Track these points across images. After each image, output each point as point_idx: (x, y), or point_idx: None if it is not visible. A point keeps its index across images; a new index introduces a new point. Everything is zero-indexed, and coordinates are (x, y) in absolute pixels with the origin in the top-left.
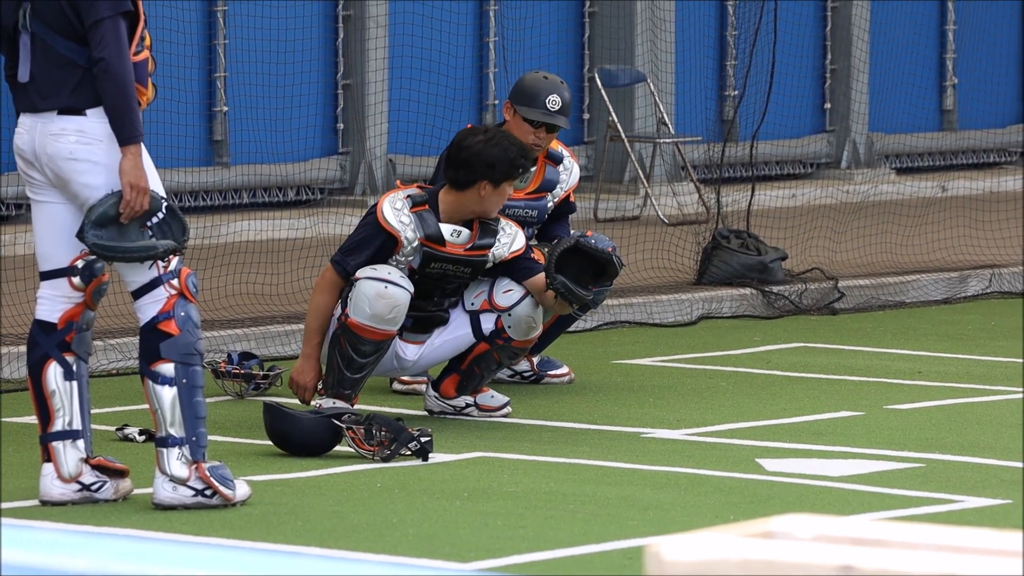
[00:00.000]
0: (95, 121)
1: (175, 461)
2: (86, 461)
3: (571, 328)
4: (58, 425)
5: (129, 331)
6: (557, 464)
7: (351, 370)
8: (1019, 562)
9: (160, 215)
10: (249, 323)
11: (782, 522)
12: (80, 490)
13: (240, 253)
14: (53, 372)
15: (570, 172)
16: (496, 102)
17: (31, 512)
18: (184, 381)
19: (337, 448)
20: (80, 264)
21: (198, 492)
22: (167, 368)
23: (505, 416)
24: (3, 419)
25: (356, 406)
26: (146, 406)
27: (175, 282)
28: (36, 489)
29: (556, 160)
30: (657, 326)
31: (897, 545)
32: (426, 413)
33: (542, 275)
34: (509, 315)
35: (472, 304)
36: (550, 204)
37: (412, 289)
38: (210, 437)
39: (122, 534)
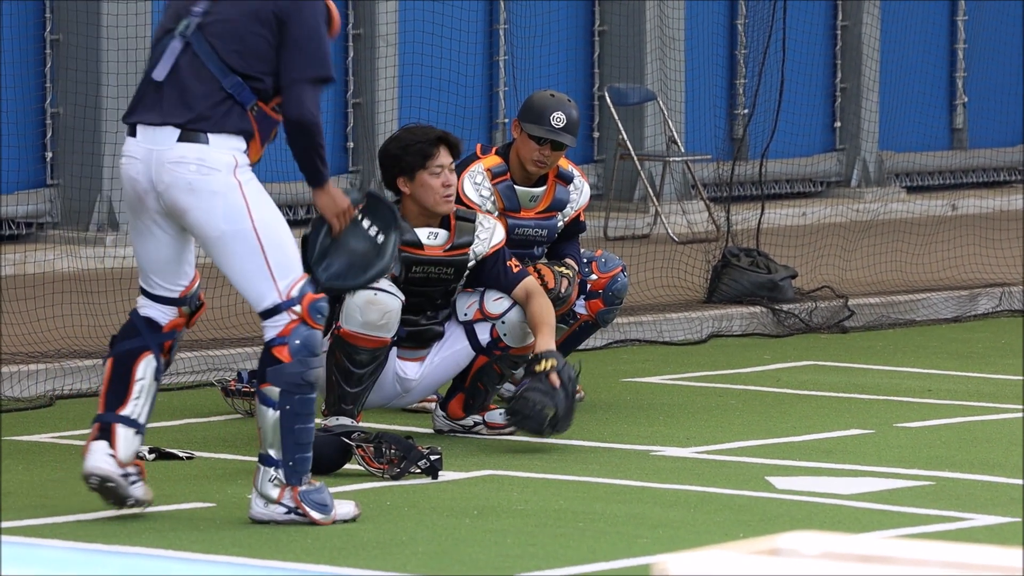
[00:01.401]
0: (216, 149)
1: (267, 482)
2: (137, 458)
3: (581, 346)
4: (129, 411)
5: None
6: (567, 482)
7: (350, 384)
8: None
9: (362, 209)
10: (259, 342)
11: (788, 539)
12: (123, 475)
13: None
14: (147, 364)
15: (580, 192)
16: (506, 120)
17: (35, 530)
18: (287, 408)
19: (347, 466)
20: (188, 295)
21: (291, 511)
22: (272, 392)
23: (513, 434)
24: (11, 437)
25: (362, 423)
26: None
27: (297, 308)
28: (39, 507)
29: (567, 179)
30: (667, 344)
31: (903, 562)
32: (435, 432)
33: (522, 285)
34: (503, 322)
35: (465, 315)
36: (560, 223)
37: (402, 297)
38: (219, 455)
39: (131, 552)
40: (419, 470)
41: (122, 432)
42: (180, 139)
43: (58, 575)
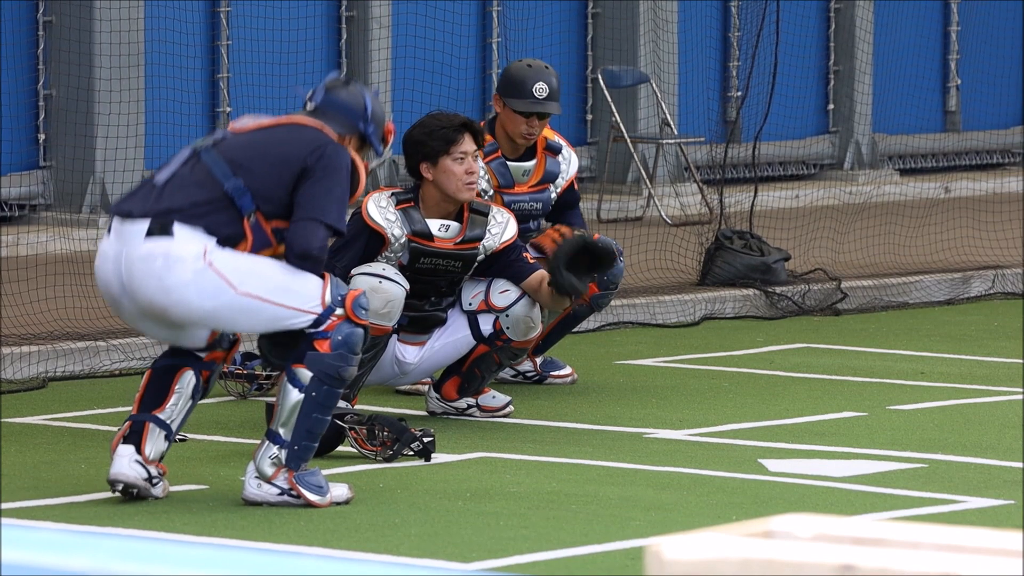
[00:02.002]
0: (182, 241)
1: (267, 458)
2: (159, 461)
3: (574, 329)
4: (165, 415)
5: (132, 332)
6: (560, 464)
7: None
8: (1019, 562)
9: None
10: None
11: (782, 521)
12: (146, 479)
13: None
14: (188, 379)
15: (569, 161)
16: None
17: (27, 512)
18: (313, 395)
19: (340, 448)
20: (216, 339)
21: (284, 492)
22: (304, 374)
23: (507, 416)
24: (4, 419)
25: (357, 406)
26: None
27: (340, 311)
28: (31, 489)
29: (555, 151)
30: (660, 327)
31: (897, 544)
32: (428, 414)
33: (536, 274)
34: (507, 316)
35: (469, 304)
36: (553, 195)
37: (407, 286)
38: (212, 438)
39: (124, 534)
40: (412, 452)
41: (153, 431)
42: (148, 234)
43: (50, 561)
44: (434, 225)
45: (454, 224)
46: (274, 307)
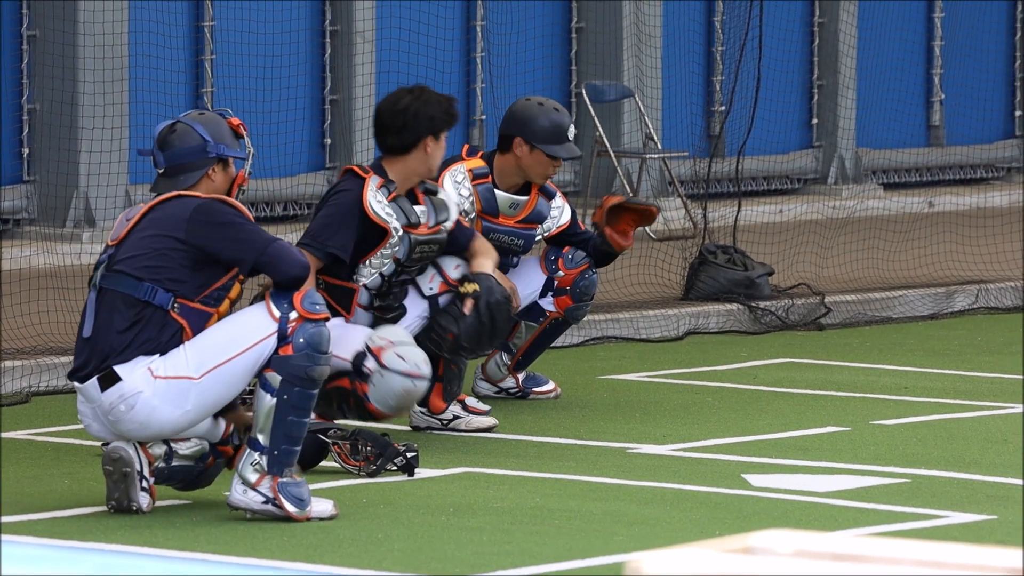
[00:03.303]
0: (130, 379)
1: (248, 465)
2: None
3: (557, 343)
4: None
5: None
6: (543, 479)
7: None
8: None
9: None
10: None
11: (762, 537)
12: (140, 472)
13: None
14: (203, 448)
15: (562, 211)
16: (484, 117)
17: (10, 527)
18: (285, 398)
19: (323, 463)
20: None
21: (268, 500)
22: (273, 378)
23: (491, 428)
24: (2, 433)
25: (339, 420)
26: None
27: (293, 315)
28: (14, 504)
29: (549, 195)
30: (644, 341)
31: (877, 560)
32: (411, 429)
33: (477, 237)
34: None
35: (430, 288)
36: (539, 237)
37: (431, 372)
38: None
39: (107, 549)
40: (395, 467)
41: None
42: (101, 389)
43: (33, 573)
44: (419, 211)
45: (424, 209)
46: (237, 359)
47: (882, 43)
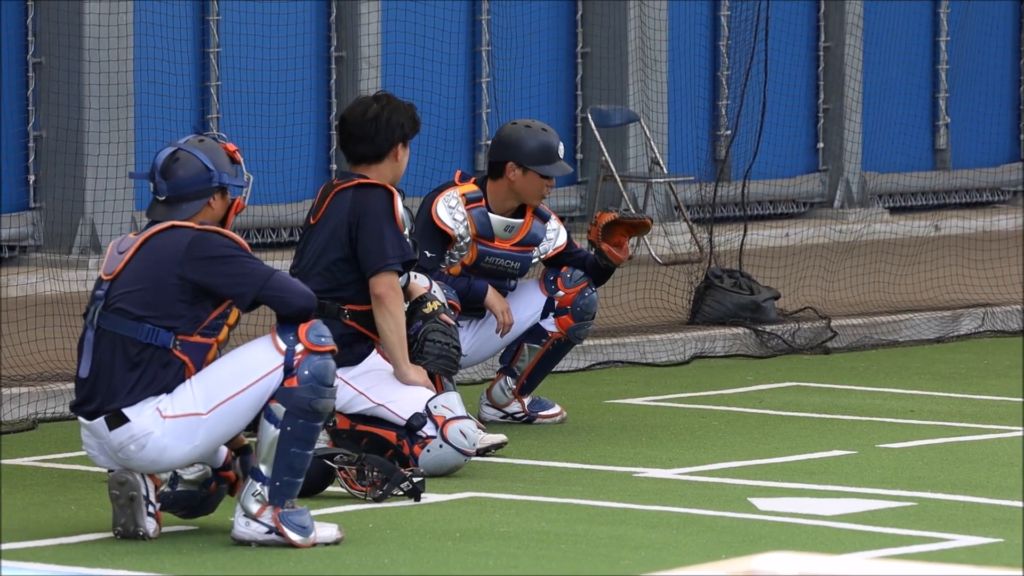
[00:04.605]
0: (139, 421)
1: (250, 495)
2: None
3: (563, 368)
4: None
5: None
6: (549, 504)
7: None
8: None
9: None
10: None
11: (765, 560)
12: (146, 497)
13: None
14: (207, 474)
15: (558, 233)
16: (489, 142)
17: (16, 554)
18: (288, 429)
19: (329, 488)
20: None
21: (271, 530)
22: (278, 409)
23: (502, 445)
24: (3, 460)
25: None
26: None
27: (299, 347)
28: (21, 531)
29: (543, 218)
30: (650, 365)
31: None
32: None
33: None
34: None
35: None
36: (534, 259)
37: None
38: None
39: (113, 575)
40: (401, 492)
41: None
42: (110, 428)
43: None
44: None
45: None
46: (244, 393)
47: (888, 67)
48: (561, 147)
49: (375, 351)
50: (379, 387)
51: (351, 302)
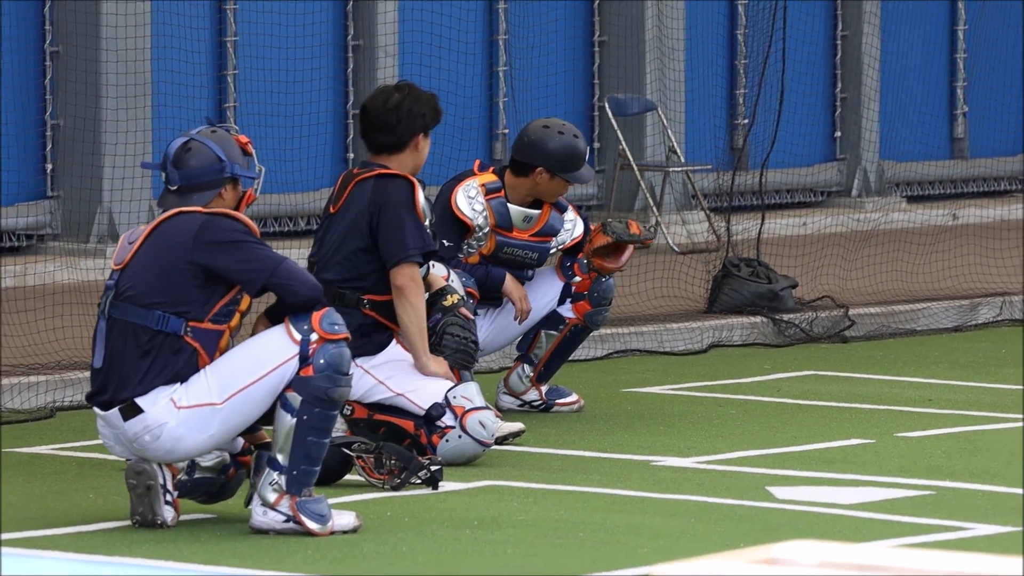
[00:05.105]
0: (153, 411)
1: (267, 484)
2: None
3: (581, 356)
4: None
5: None
6: (567, 492)
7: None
8: None
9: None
10: None
11: (785, 549)
12: (164, 486)
13: None
14: (225, 461)
15: (575, 224)
16: (507, 131)
17: (34, 542)
18: (305, 418)
19: (347, 477)
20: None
21: (289, 519)
22: (294, 398)
23: (520, 433)
24: (11, 450)
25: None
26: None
27: (313, 336)
28: (39, 519)
29: (561, 208)
30: (667, 354)
31: (900, 571)
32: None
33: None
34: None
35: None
36: (553, 249)
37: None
38: None
39: (132, 563)
40: (419, 481)
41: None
42: (124, 419)
43: None
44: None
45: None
46: (259, 383)
47: (905, 56)
48: (586, 149)
49: (394, 341)
50: (399, 377)
51: (371, 292)
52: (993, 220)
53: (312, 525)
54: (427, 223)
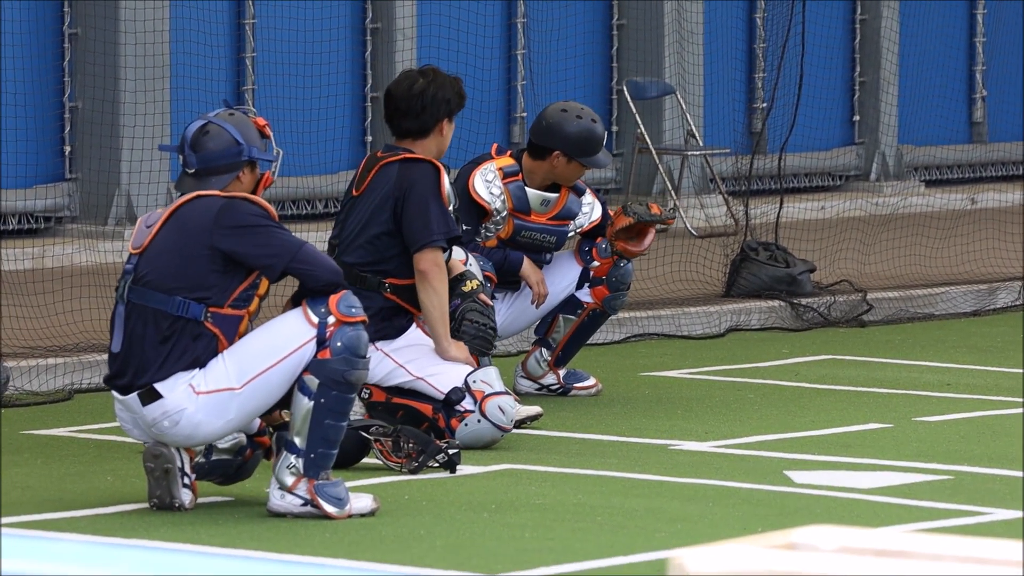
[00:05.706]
0: (172, 397)
1: (285, 468)
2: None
3: (599, 340)
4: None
5: None
6: (585, 476)
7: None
8: None
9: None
10: None
11: (805, 533)
12: (180, 468)
13: None
14: (241, 442)
15: (592, 207)
16: (524, 114)
17: (52, 524)
18: (322, 401)
19: (365, 460)
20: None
21: (307, 502)
22: (311, 381)
23: (538, 416)
24: (29, 432)
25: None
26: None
27: (331, 319)
28: (57, 501)
29: (579, 192)
30: (685, 338)
31: (920, 556)
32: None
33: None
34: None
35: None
36: (571, 233)
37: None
38: None
39: (151, 546)
40: (437, 464)
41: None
42: (143, 404)
43: (75, 572)
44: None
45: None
46: (277, 367)
47: (924, 40)
48: (604, 134)
49: (415, 325)
50: (419, 360)
51: (392, 276)
52: (1012, 204)
53: (330, 508)
54: (452, 208)
